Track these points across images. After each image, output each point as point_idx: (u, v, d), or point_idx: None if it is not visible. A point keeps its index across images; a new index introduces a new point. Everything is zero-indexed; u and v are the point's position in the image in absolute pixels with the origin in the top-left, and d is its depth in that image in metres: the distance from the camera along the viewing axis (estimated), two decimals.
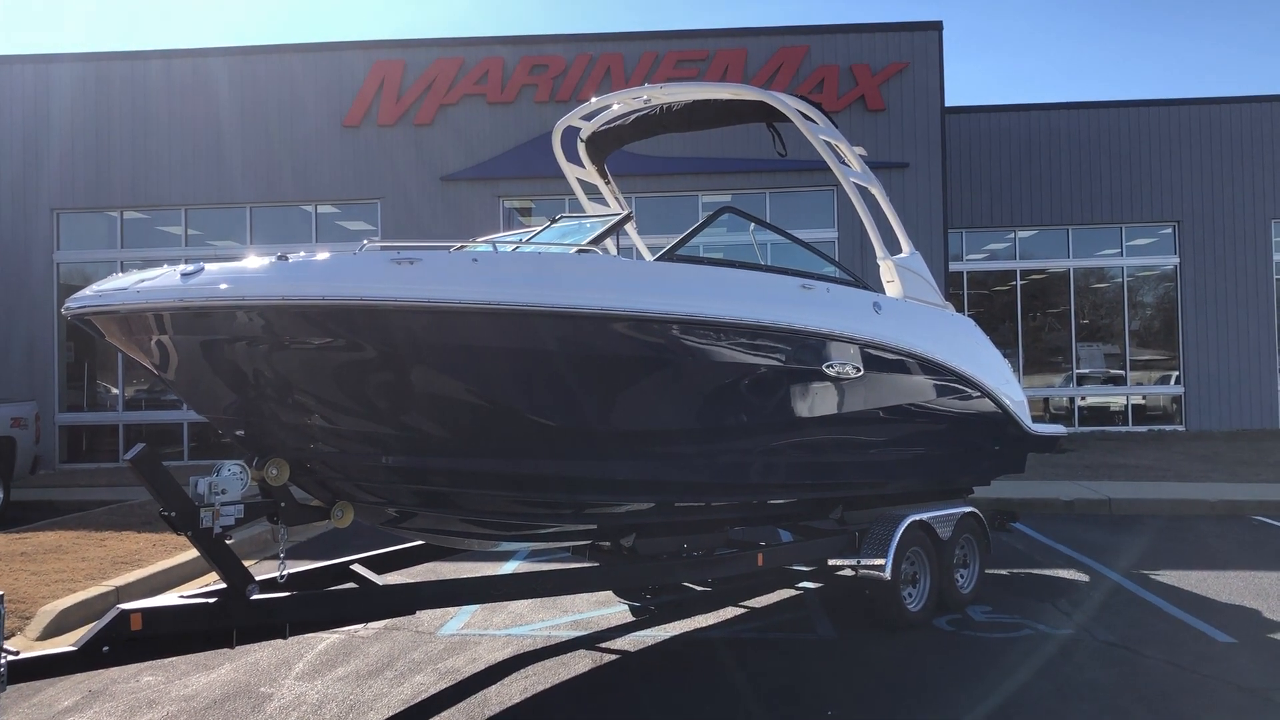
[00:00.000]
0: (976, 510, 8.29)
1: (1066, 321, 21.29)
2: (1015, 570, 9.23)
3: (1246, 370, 20.51)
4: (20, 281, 18.57)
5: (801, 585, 8.52)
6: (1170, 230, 20.99)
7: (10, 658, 4.55)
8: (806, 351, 6.67)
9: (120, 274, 5.21)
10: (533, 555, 9.65)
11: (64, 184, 18.73)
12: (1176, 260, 20.87)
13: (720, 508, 7.06)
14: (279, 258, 4.99)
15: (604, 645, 7.11)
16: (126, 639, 4.87)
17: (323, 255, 5.18)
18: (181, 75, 18.87)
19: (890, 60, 18.41)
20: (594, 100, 8.47)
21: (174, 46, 20.70)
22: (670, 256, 6.26)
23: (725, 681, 6.31)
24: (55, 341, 18.62)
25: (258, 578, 5.40)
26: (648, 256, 8.62)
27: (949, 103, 19.18)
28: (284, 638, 5.51)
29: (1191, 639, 7.05)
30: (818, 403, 6.92)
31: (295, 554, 8.23)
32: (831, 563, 7.54)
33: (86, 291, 5.12)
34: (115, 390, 19.07)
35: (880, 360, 7.22)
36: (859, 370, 7.01)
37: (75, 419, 18.95)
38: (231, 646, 5.28)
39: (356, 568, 6.38)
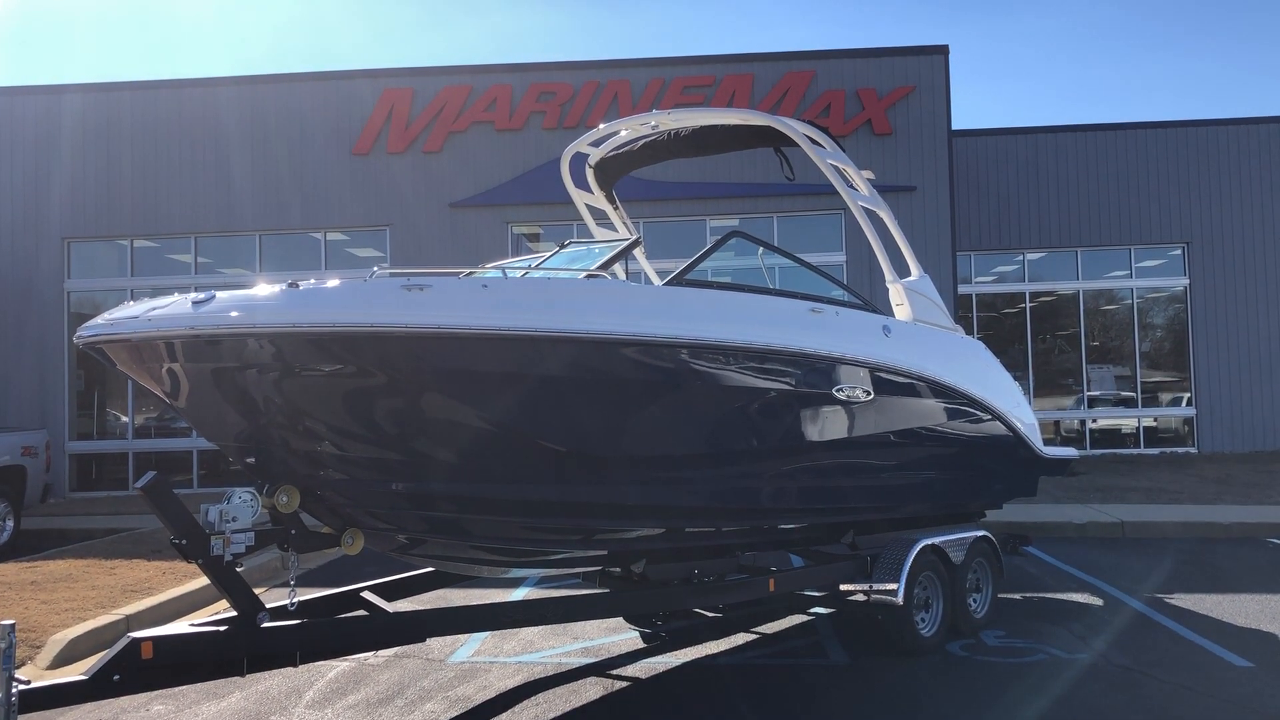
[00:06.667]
0: (989, 534, 8.24)
1: (1076, 344, 21.22)
2: (1028, 594, 9.17)
3: (1259, 392, 20.39)
4: (31, 310, 18.65)
5: (813, 611, 8.48)
6: (1180, 252, 20.94)
7: (21, 687, 4.54)
8: (816, 375, 6.66)
9: (132, 302, 5.23)
10: (543, 581, 9.62)
11: (74, 213, 18.83)
12: (1186, 281, 20.81)
13: (731, 533, 7.03)
14: (290, 285, 5.01)
15: (615, 672, 7.08)
16: (137, 667, 4.86)
17: (333, 282, 5.20)
18: (190, 105, 18.98)
19: (897, 84, 18.46)
20: (602, 126, 8.51)
21: (183, 76, 20.80)
22: (679, 281, 6.25)
23: (736, 708, 6.26)
24: (65, 370, 18.67)
25: (268, 605, 5.39)
26: (656, 281, 8.62)
27: (956, 126, 19.20)
28: (294, 666, 5.49)
29: (1207, 663, 6.99)
30: (828, 427, 6.90)
31: (305, 581, 8.21)
32: (843, 588, 7.49)
33: (98, 320, 5.14)
34: (125, 418, 19.11)
35: (890, 384, 7.21)
36: (869, 394, 7.00)
37: (85, 447, 18.97)
38: (242, 675, 5.26)
39: (367, 595, 6.38)
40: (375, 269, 5.40)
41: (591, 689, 6.67)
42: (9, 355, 18.60)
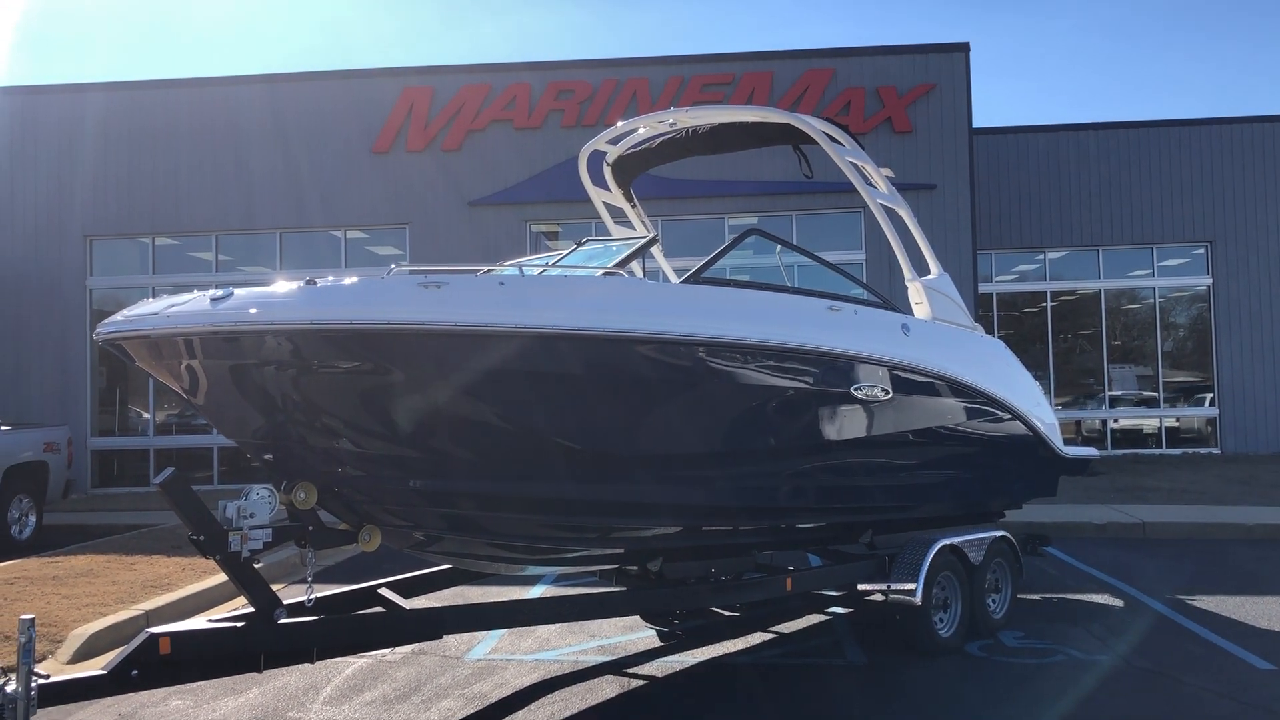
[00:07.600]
0: (1008, 534, 8.18)
1: (1098, 343, 21.08)
2: (1048, 595, 9.10)
3: None
4: (54, 307, 18.80)
5: (831, 610, 8.44)
6: (1203, 250, 20.77)
7: (41, 681, 4.57)
8: (834, 374, 6.63)
9: (151, 299, 5.26)
10: (560, 579, 9.63)
11: (97, 211, 18.98)
12: (1209, 280, 20.64)
13: (748, 532, 7.01)
14: (307, 282, 5.02)
15: (631, 671, 7.06)
16: (155, 663, 4.88)
17: (351, 280, 5.20)
18: (212, 103, 19.10)
19: (917, 82, 18.38)
20: (620, 124, 8.50)
21: (204, 75, 20.91)
22: (696, 279, 6.23)
23: (754, 708, 6.25)
24: (88, 366, 18.82)
25: (285, 602, 5.41)
26: (674, 279, 8.60)
27: (976, 124, 19.10)
28: (311, 662, 5.50)
29: (1230, 665, 6.92)
30: (846, 426, 6.87)
31: (322, 578, 8.23)
32: (861, 588, 7.46)
33: (118, 316, 5.16)
34: (146, 415, 19.24)
35: (909, 383, 7.17)
36: (888, 393, 6.96)
37: (107, 443, 19.12)
38: (259, 671, 5.28)
39: (384, 592, 6.38)
40: (393, 266, 5.41)
41: (608, 687, 6.66)
42: (32, 352, 18.76)
